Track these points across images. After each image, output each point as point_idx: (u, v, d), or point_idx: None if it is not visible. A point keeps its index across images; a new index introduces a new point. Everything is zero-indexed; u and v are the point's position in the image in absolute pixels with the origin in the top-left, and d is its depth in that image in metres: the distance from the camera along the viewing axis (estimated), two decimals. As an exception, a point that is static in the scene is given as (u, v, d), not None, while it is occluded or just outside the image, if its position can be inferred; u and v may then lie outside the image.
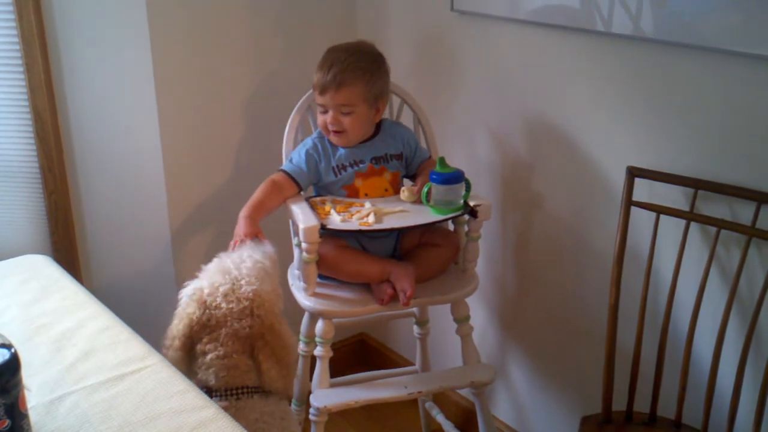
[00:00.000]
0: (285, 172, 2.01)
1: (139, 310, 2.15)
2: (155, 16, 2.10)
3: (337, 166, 2.00)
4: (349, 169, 2.00)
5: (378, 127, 2.06)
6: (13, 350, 1.19)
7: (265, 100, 2.39)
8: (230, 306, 1.58)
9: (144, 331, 1.66)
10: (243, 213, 1.94)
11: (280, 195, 1.99)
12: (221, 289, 1.61)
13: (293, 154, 2.04)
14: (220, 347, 1.56)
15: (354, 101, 1.95)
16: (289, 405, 1.95)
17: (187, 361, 1.62)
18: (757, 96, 1.59)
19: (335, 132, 1.98)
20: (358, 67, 1.94)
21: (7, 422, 1.18)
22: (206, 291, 1.62)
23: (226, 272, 1.64)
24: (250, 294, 1.60)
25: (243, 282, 1.62)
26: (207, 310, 1.59)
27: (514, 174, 2.17)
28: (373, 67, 1.98)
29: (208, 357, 1.57)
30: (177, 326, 1.63)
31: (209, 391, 1.56)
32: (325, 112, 1.97)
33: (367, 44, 2.02)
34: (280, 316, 1.66)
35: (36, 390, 1.42)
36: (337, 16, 2.48)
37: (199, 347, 1.59)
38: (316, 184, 2.04)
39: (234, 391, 1.56)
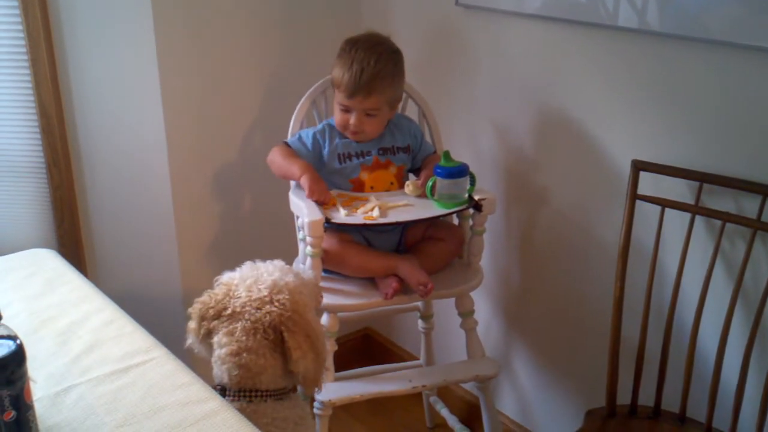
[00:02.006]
0: (288, 144, 2.03)
1: (144, 302, 2.15)
2: (160, 10, 2.10)
3: (342, 154, 2.00)
4: (355, 160, 2.00)
5: (386, 119, 2.06)
6: (18, 342, 1.20)
7: (271, 94, 2.39)
8: (249, 294, 1.54)
9: (149, 324, 1.66)
10: (307, 174, 1.92)
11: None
12: (247, 282, 1.58)
13: (301, 132, 2.05)
14: (234, 342, 1.51)
15: (380, 106, 1.96)
16: (311, 405, 1.93)
17: (208, 350, 1.59)
18: (763, 89, 1.59)
19: (354, 132, 1.98)
20: (386, 73, 1.93)
21: (13, 413, 1.19)
22: (235, 281, 1.60)
23: (255, 269, 1.62)
24: (269, 282, 1.56)
25: (265, 274, 1.59)
26: (228, 297, 1.56)
27: (518, 168, 2.17)
28: (397, 69, 1.99)
29: (222, 351, 1.52)
30: (194, 306, 1.60)
31: (223, 390, 1.54)
32: (347, 111, 1.97)
33: (386, 39, 2.01)
34: (308, 306, 1.61)
35: (42, 382, 1.43)
36: (342, 10, 2.48)
37: (215, 339, 1.55)
38: (319, 171, 2.03)
39: (246, 393, 1.53)
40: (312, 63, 2.28)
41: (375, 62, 1.91)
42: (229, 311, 1.54)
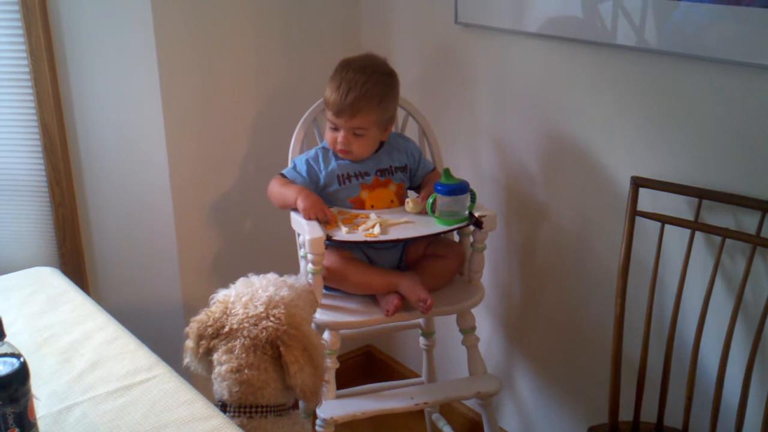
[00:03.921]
0: (284, 176, 2.04)
1: (146, 320, 2.16)
2: (161, 31, 2.12)
3: (342, 175, 2.01)
4: (354, 180, 2.01)
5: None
6: (21, 359, 1.20)
7: (271, 113, 2.40)
8: (246, 311, 1.55)
9: (151, 342, 1.67)
10: (301, 197, 1.94)
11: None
12: (243, 299, 1.59)
13: (296, 160, 2.06)
14: (234, 359, 1.52)
15: (367, 126, 1.97)
16: (313, 422, 1.93)
17: (207, 368, 1.60)
18: (761, 105, 1.60)
19: (342, 150, 1.99)
20: (373, 94, 1.94)
21: (17, 431, 1.19)
22: (231, 298, 1.61)
23: (249, 285, 1.64)
24: (265, 298, 1.57)
25: (260, 290, 1.60)
26: (225, 315, 1.57)
27: (518, 185, 2.18)
28: (387, 91, 1.99)
29: (223, 368, 1.53)
30: (191, 325, 1.61)
31: (223, 406, 1.54)
32: (336, 129, 1.99)
33: (380, 62, 2.03)
34: (304, 319, 1.62)
35: (45, 400, 1.43)
36: (342, 29, 2.50)
37: (215, 357, 1.56)
38: (320, 193, 2.04)
39: (247, 409, 1.53)
40: (312, 82, 2.29)
41: (363, 83, 1.93)
42: (227, 329, 1.56)
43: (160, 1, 2.10)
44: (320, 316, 1.91)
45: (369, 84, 1.94)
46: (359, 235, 1.88)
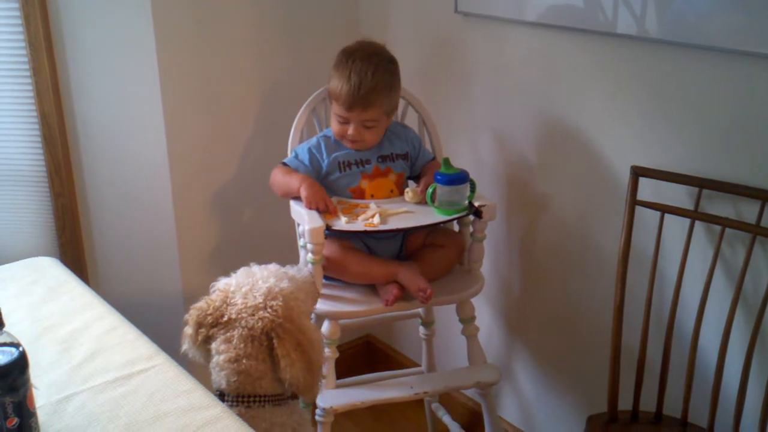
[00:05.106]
0: (286, 165, 2.03)
1: (146, 310, 2.16)
2: (160, 20, 2.12)
3: (343, 162, 2.01)
4: (354, 168, 2.01)
5: (383, 127, 2.07)
6: (21, 349, 1.21)
7: (270, 102, 2.40)
8: (245, 301, 1.56)
9: (150, 332, 1.67)
10: (304, 185, 1.93)
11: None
12: (243, 289, 1.59)
13: (297, 149, 2.05)
14: (232, 349, 1.53)
15: (378, 117, 1.97)
16: (312, 412, 1.94)
17: (205, 356, 1.61)
18: (761, 94, 1.60)
19: (353, 141, 1.99)
20: (384, 85, 1.94)
21: (16, 420, 1.19)
22: (232, 288, 1.61)
23: (250, 275, 1.64)
24: (264, 289, 1.58)
25: (260, 281, 1.60)
26: (225, 304, 1.58)
27: (518, 174, 2.17)
28: (393, 80, 1.99)
29: (221, 358, 1.54)
30: (191, 312, 1.61)
31: (221, 395, 1.55)
32: (345, 122, 1.98)
33: (381, 48, 2.02)
34: (303, 312, 1.62)
35: (44, 389, 1.43)
36: (341, 19, 2.49)
37: (213, 346, 1.56)
38: (321, 181, 2.04)
39: (245, 399, 1.54)
40: (310, 72, 2.29)
41: (372, 74, 1.92)
42: (226, 318, 1.56)
43: (159, -10, 2.10)
44: (320, 305, 1.91)
45: (378, 74, 1.93)
46: (359, 225, 1.88)
